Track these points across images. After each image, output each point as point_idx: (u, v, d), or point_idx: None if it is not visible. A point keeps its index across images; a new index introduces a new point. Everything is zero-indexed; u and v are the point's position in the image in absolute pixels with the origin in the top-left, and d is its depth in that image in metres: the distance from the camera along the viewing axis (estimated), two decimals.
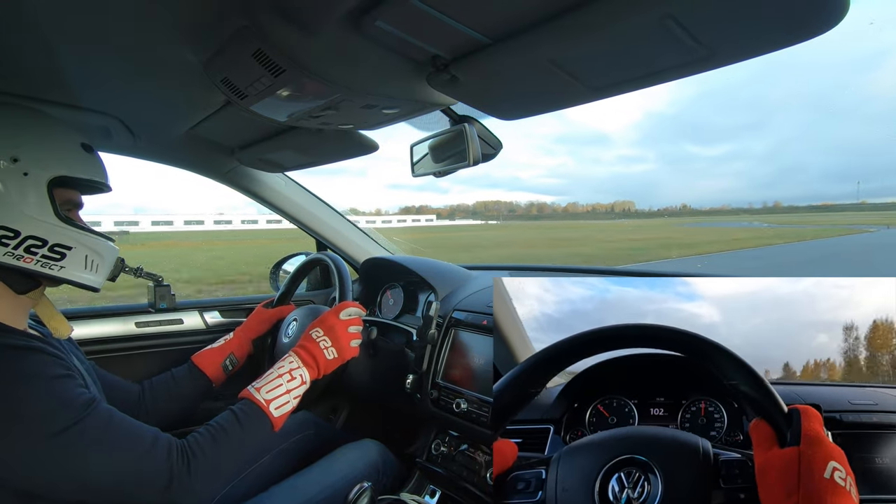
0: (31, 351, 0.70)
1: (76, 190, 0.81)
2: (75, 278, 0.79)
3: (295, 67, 0.67)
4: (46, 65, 0.82)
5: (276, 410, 0.85)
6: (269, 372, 0.90)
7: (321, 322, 1.00)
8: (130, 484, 0.70)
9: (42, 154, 0.75)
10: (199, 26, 0.69)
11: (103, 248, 0.83)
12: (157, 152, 1.36)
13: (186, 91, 0.95)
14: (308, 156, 1.27)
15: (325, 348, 0.96)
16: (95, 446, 0.67)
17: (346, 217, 1.76)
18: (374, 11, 0.58)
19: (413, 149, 1.12)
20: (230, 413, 0.83)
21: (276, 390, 0.86)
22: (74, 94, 0.95)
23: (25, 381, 0.66)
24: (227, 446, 0.79)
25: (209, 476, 0.76)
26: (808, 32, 0.50)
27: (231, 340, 1.20)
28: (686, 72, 0.62)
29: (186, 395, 1.12)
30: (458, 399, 1.14)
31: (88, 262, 0.80)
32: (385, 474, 1.16)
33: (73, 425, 0.66)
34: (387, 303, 1.67)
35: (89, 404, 0.69)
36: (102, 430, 0.69)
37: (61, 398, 0.67)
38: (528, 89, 0.74)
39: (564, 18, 0.56)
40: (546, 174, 30.76)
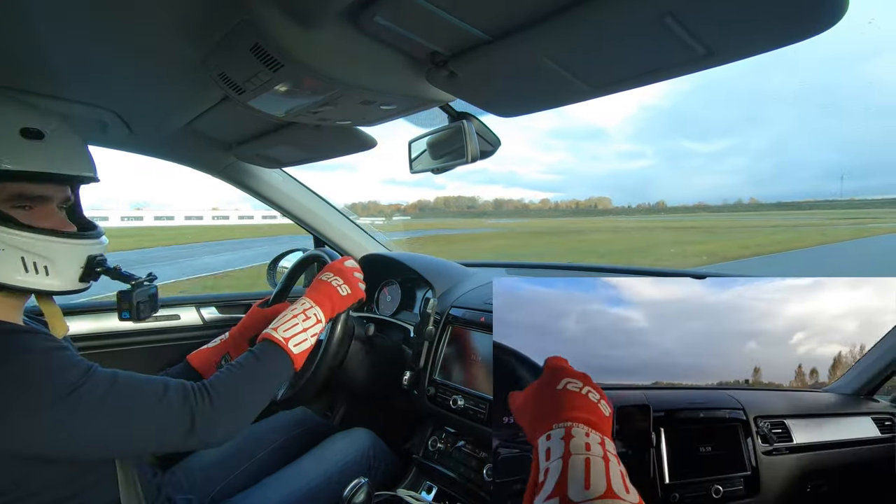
0: (22, 332, 0.69)
1: (23, 182, 0.71)
2: (12, 282, 0.71)
3: (293, 63, 0.67)
4: (40, 57, 0.81)
5: (296, 347, 0.86)
6: (282, 314, 0.90)
7: (330, 267, 1.03)
8: (152, 433, 0.69)
9: None
10: (196, 20, 0.69)
11: (51, 248, 0.74)
12: (153, 147, 1.35)
13: (184, 85, 0.94)
14: (306, 152, 1.26)
15: (337, 286, 0.98)
16: (106, 403, 0.66)
17: (344, 213, 1.76)
18: (373, 7, 0.58)
19: (411, 145, 1.12)
20: (250, 353, 0.83)
21: (293, 328, 0.88)
22: (69, 87, 0.94)
23: (23, 354, 0.65)
24: (248, 380, 0.80)
25: (233, 410, 0.76)
26: (807, 31, 0.50)
27: (227, 340, 1.20)
28: (685, 70, 0.62)
29: None
30: (455, 396, 1.15)
31: (28, 265, 0.72)
32: (377, 461, 1.17)
33: (79, 387, 0.65)
34: (384, 299, 1.67)
35: (90, 368, 0.68)
36: (110, 387, 0.68)
37: (62, 364, 0.66)
38: (527, 86, 0.74)
39: (564, 15, 0.56)
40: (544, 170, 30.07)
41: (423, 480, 1.21)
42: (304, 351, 0.88)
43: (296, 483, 1.02)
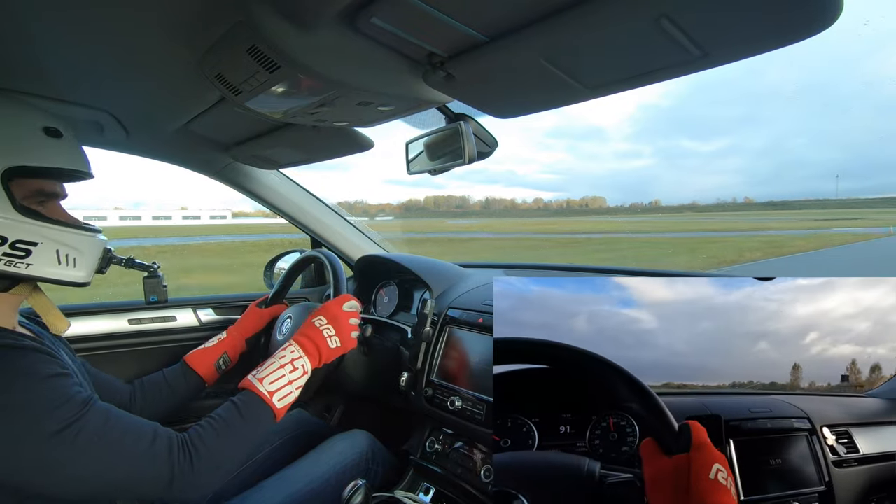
0: (24, 350, 0.67)
1: (44, 179, 0.75)
2: (47, 275, 0.74)
3: (290, 64, 0.67)
4: (38, 60, 0.80)
5: (280, 402, 0.83)
6: (270, 361, 0.88)
7: (324, 311, 0.99)
8: (132, 481, 0.69)
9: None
10: (193, 22, 0.69)
11: (80, 240, 0.77)
12: (150, 148, 1.35)
13: (180, 87, 0.94)
14: (303, 153, 1.26)
15: (328, 336, 0.95)
16: (95, 444, 0.66)
17: (341, 214, 1.76)
18: (370, 8, 0.58)
19: (408, 146, 1.12)
20: (232, 405, 0.81)
21: (279, 381, 0.84)
22: (65, 89, 0.94)
23: (20, 380, 0.64)
24: (230, 439, 0.78)
25: (212, 470, 0.74)
26: (802, 33, 0.51)
27: (224, 340, 1.20)
28: (681, 71, 0.62)
29: (179, 394, 1.12)
30: (452, 397, 1.15)
31: (62, 257, 0.75)
32: (375, 463, 1.16)
33: (72, 423, 0.64)
34: (382, 300, 1.67)
35: (87, 402, 0.67)
36: (101, 427, 0.67)
37: (58, 396, 0.65)
38: (524, 87, 0.74)
39: (561, 17, 0.56)
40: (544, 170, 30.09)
41: (421, 482, 1.21)
42: (287, 405, 0.85)
43: (295, 485, 1.02)
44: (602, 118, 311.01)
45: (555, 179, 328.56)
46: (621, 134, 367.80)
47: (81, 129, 1.08)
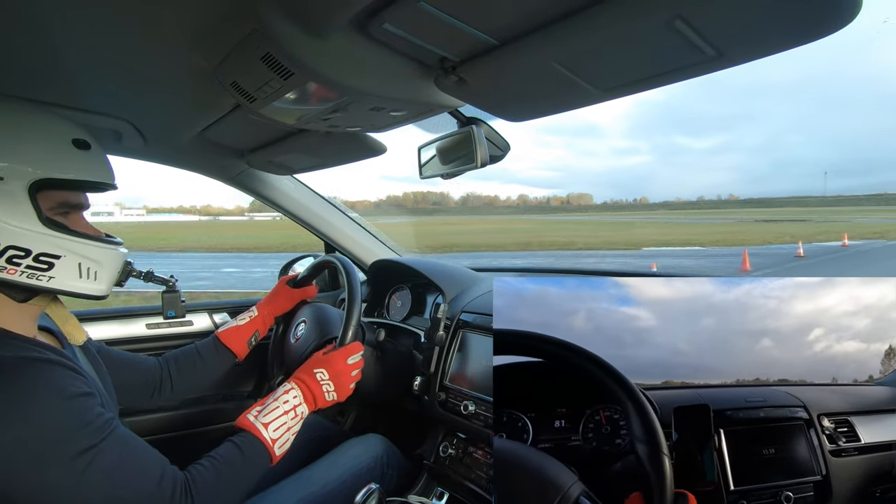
0: (50, 364, 0.67)
1: (70, 191, 0.74)
2: (69, 288, 0.73)
3: (303, 70, 0.67)
4: (57, 68, 0.83)
5: (279, 449, 0.85)
6: (274, 405, 0.87)
7: (328, 364, 0.97)
8: None
9: (21, 156, 0.68)
10: (208, 31, 0.70)
11: (101, 253, 0.76)
12: (167, 155, 1.38)
13: (196, 95, 0.96)
14: (316, 158, 1.27)
15: (326, 391, 0.95)
16: (105, 476, 0.65)
17: (355, 219, 1.77)
18: (382, 14, 0.58)
19: (421, 151, 1.12)
20: (235, 449, 0.81)
21: (281, 428, 0.85)
22: (86, 98, 0.96)
23: (44, 396, 0.63)
24: (230, 483, 0.78)
25: None
26: (819, 31, 0.50)
27: (256, 318, 1.20)
28: (696, 72, 0.62)
29: (212, 369, 1.14)
30: (465, 401, 1.14)
31: (83, 270, 0.74)
32: (390, 467, 1.16)
33: (88, 449, 0.64)
34: (395, 305, 1.67)
35: (106, 427, 0.67)
36: (115, 459, 0.66)
37: (80, 419, 0.65)
38: (536, 91, 0.74)
39: (573, 19, 0.56)
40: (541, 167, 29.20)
41: (435, 486, 1.21)
42: (284, 452, 0.86)
43: (311, 486, 1.03)
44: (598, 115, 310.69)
45: (552, 176, 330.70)
46: (618, 130, 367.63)
47: (101, 138, 1.11)
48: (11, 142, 0.69)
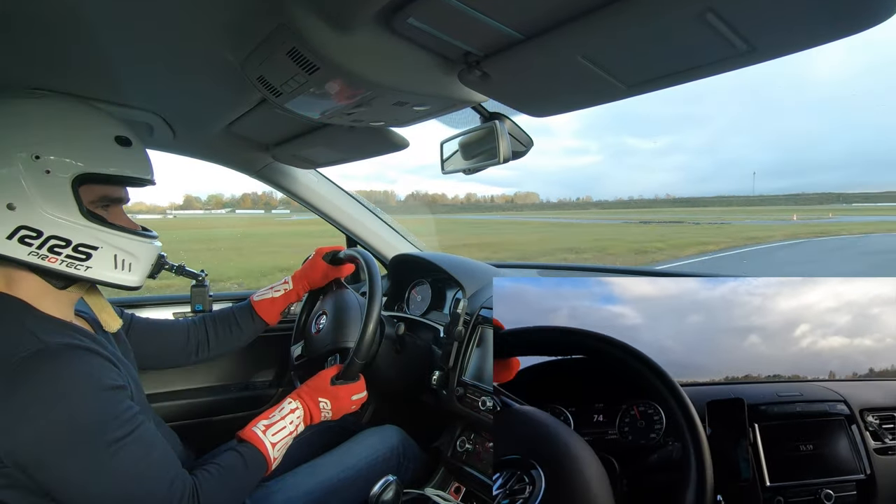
0: (89, 353, 0.70)
1: (111, 185, 0.77)
2: (104, 278, 0.76)
3: (328, 65, 0.68)
4: (95, 63, 0.85)
5: (275, 462, 0.89)
6: (281, 424, 0.91)
7: (334, 398, 0.99)
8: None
9: (67, 151, 0.72)
10: (237, 26, 0.71)
11: (137, 247, 0.80)
12: (195, 148, 1.41)
13: (224, 89, 0.97)
14: (340, 152, 1.28)
15: (324, 417, 0.99)
16: (123, 471, 0.68)
17: (377, 213, 1.78)
18: (406, 9, 0.58)
19: (443, 146, 1.12)
20: (240, 459, 0.84)
21: (281, 445, 0.89)
22: (121, 92, 0.99)
23: (82, 385, 0.66)
24: (233, 490, 0.82)
25: None
26: (856, 25, 0.48)
27: (290, 292, 1.22)
28: (726, 67, 0.60)
29: (246, 333, 1.18)
30: (484, 397, 1.14)
31: (118, 262, 0.77)
32: (406, 458, 1.17)
33: (113, 443, 0.67)
34: (415, 299, 1.68)
35: (134, 421, 0.70)
36: (135, 457, 0.69)
37: (110, 412, 0.68)
38: (561, 86, 0.73)
39: (600, 13, 0.55)
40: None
41: (451, 480, 1.21)
42: (277, 465, 0.90)
43: (326, 472, 1.05)
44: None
45: (511, 176, 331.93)
46: (570, 130, 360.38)
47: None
48: (61, 137, 0.72)
